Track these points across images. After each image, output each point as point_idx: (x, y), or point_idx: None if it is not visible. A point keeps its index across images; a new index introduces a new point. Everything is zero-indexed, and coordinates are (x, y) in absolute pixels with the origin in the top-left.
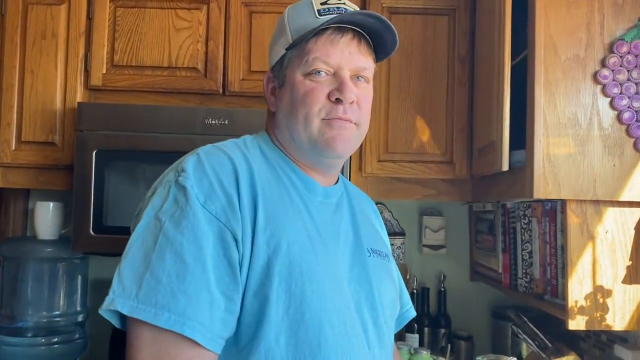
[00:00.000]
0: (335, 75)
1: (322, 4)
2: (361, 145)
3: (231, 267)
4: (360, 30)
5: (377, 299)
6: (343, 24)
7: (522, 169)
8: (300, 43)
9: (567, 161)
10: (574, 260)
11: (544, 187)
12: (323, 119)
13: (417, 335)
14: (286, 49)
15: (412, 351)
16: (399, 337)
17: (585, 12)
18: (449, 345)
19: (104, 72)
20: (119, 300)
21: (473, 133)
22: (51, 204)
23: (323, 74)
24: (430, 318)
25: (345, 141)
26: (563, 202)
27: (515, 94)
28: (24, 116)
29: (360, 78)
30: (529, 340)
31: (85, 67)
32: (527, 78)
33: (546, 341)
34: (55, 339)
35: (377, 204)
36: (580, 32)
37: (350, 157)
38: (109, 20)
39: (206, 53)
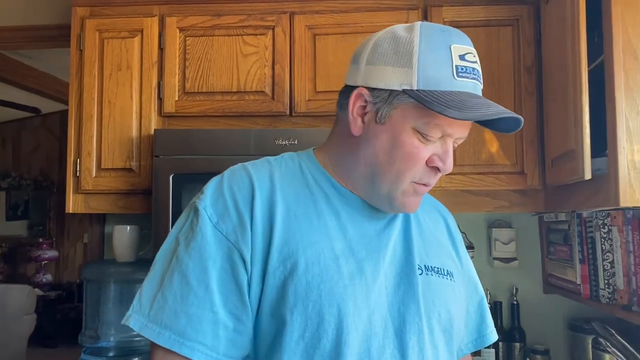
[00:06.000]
0: (442, 140)
1: (460, 57)
2: None
3: (238, 288)
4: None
5: (425, 322)
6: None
7: (605, 177)
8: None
9: None
10: None
11: (630, 195)
12: (413, 182)
13: (493, 350)
14: (404, 90)
15: None
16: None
17: None
18: None
19: (177, 99)
20: (134, 317)
21: (544, 142)
22: (128, 227)
23: (435, 139)
24: (503, 332)
25: (418, 205)
26: None
27: (590, 100)
28: (102, 145)
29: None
30: (618, 353)
31: (159, 95)
32: (605, 84)
33: (636, 353)
34: (136, 358)
35: None
36: None
37: None
38: (180, 49)
39: (273, 76)
